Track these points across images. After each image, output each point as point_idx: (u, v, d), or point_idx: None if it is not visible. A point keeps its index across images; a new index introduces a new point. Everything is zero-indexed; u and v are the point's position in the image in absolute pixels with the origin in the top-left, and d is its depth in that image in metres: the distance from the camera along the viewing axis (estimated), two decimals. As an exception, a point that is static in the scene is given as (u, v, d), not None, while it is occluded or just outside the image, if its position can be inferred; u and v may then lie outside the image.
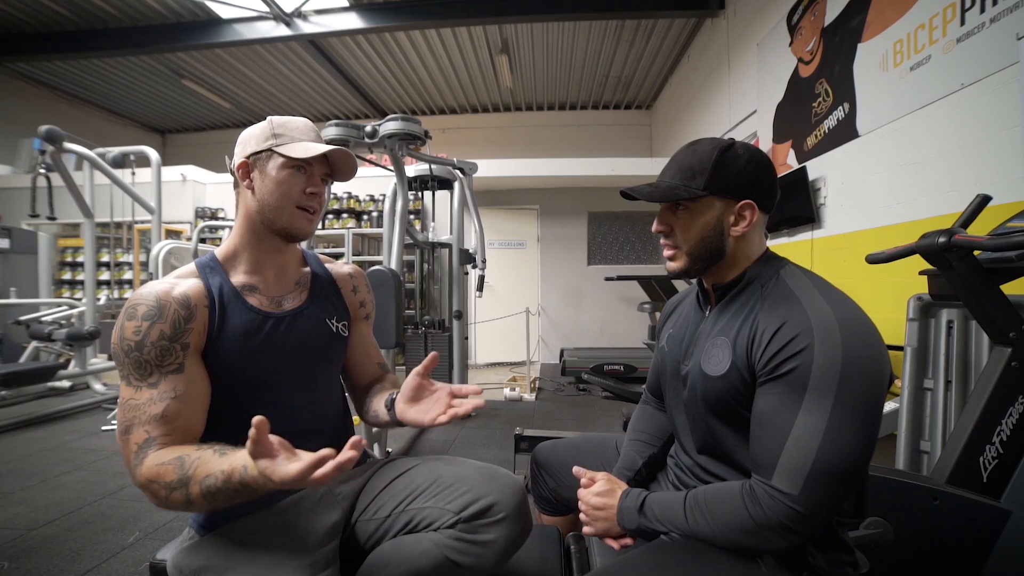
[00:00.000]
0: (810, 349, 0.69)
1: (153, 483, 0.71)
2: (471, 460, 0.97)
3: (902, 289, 2.01)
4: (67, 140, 3.34)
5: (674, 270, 0.86)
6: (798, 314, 0.73)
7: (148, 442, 0.74)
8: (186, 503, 0.71)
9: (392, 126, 2.88)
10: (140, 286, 0.84)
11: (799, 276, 0.79)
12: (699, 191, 0.79)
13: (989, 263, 1.18)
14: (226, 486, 0.68)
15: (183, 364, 0.78)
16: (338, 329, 0.98)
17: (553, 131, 7.61)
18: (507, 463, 2.52)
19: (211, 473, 0.69)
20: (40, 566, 1.61)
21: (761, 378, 0.74)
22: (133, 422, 0.75)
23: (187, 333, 0.79)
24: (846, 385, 0.67)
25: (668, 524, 0.78)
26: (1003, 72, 1.91)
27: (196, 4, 4.78)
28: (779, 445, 0.69)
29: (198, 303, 0.82)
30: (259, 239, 0.90)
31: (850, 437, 0.67)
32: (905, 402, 1.76)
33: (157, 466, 0.72)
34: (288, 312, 0.92)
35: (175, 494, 0.71)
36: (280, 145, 0.86)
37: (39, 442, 2.89)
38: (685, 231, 0.83)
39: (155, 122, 8.18)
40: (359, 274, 1.08)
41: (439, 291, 4.23)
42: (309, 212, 0.89)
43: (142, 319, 0.77)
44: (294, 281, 0.96)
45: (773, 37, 3.65)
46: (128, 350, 0.76)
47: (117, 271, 5.73)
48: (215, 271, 0.88)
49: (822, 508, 0.67)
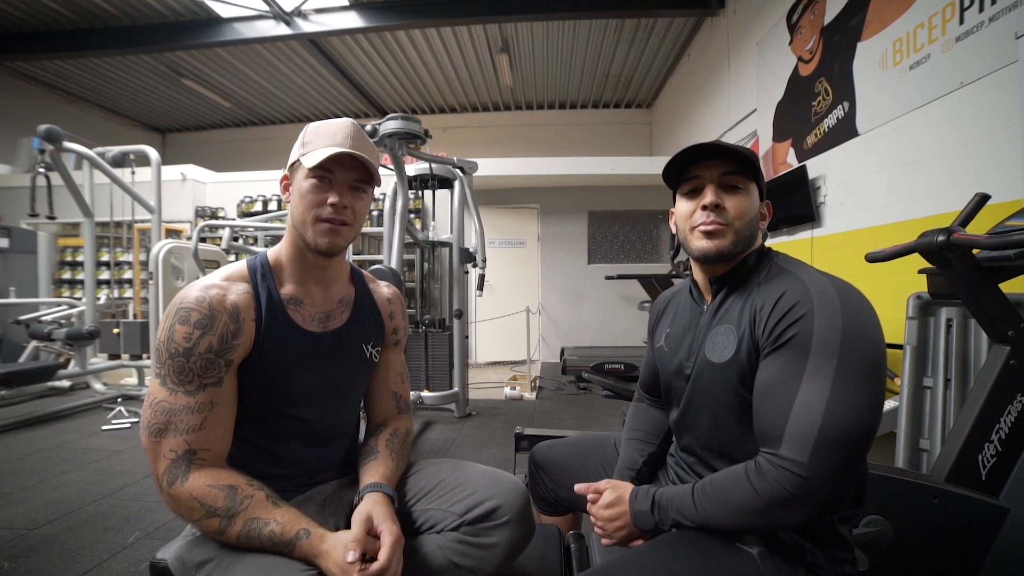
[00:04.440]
0: (810, 315, 0.70)
1: (196, 501, 0.72)
2: (475, 463, 0.97)
3: (901, 288, 2.01)
4: (67, 139, 3.34)
5: (720, 247, 0.82)
6: (796, 285, 0.74)
7: (188, 455, 0.75)
8: (217, 532, 0.73)
9: (392, 125, 2.88)
10: (190, 284, 0.82)
11: (793, 261, 0.83)
12: (755, 178, 0.84)
13: (988, 262, 1.18)
14: (270, 538, 0.72)
15: (222, 379, 0.78)
16: (371, 355, 0.98)
17: (553, 130, 7.60)
18: (507, 462, 2.53)
19: (260, 518, 0.72)
20: (40, 566, 1.61)
21: (764, 349, 0.74)
22: (168, 427, 0.75)
23: (232, 349, 0.79)
24: (848, 349, 0.67)
25: (680, 516, 0.77)
26: (1002, 71, 1.91)
27: (196, 3, 4.77)
28: (784, 414, 0.69)
29: (246, 316, 0.81)
30: (301, 253, 0.88)
31: (856, 400, 0.66)
32: (904, 400, 1.76)
33: (207, 487, 0.73)
34: (328, 333, 0.91)
35: (213, 521, 0.72)
36: (305, 155, 0.83)
37: (39, 442, 2.89)
38: (741, 211, 0.82)
39: (155, 121, 8.17)
40: (397, 298, 1.06)
41: (439, 290, 4.23)
42: (335, 223, 0.83)
43: (194, 327, 0.76)
44: (338, 299, 0.94)
45: (773, 36, 3.65)
46: (174, 354, 0.76)
47: (117, 270, 5.74)
48: (266, 278, 0.86)
49: (831, 476, 0.66)
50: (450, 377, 3.54)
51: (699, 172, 0.84)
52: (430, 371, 3.53)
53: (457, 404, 3.54)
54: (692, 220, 0.84)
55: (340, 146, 0.82)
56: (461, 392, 3.54)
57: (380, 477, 0.87)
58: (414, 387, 3.43)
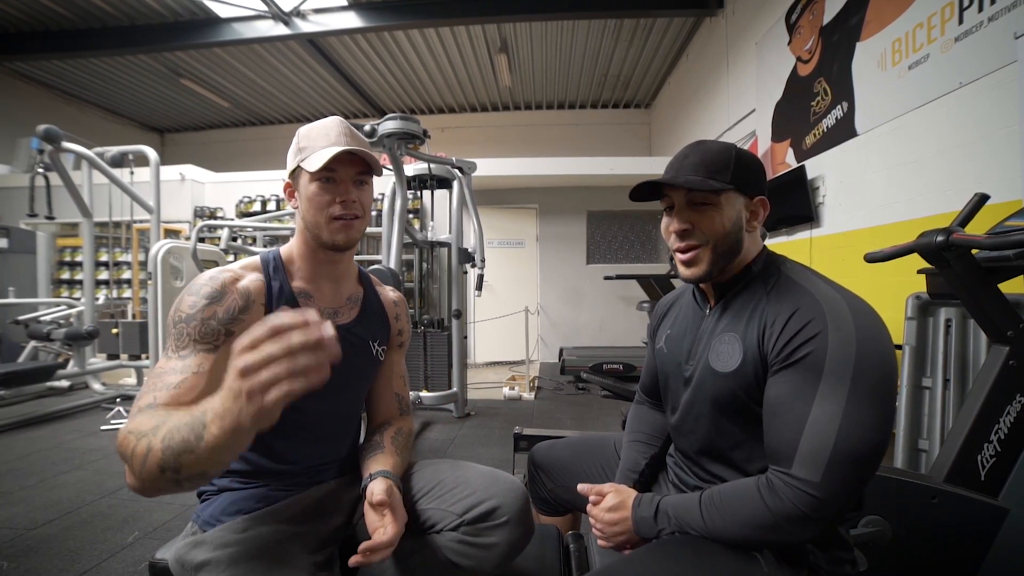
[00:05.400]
0: (824, 335, 0.69)
1: (130, 435, 0.63)
2: (474, 464, 0.97)
3: (900, 288, 2.01)
4: (65, 139, 3.33)
5: (696, 275, 0.82)
6: (808, 301, 0.73)
7: (150, 406, 0.68)
8: (144, 455, 0.60)
9: (391, 125, 2.88)
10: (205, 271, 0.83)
11: (801, 271, 0.81)
12: (727, 184, 0.79)
13: (987, 262, 1.18)
14: (188, 420, 0.59)
15: (218, 347, 0.77)
16: (378, 352, 0.99)
17: (552, 130, 7.60)
18: (506, 462, 2.53)
19: (177, 414, 0.62)
20: (39, 566, 1.61)
21: (774, 366, 0.73)
22: (148, 388, 0.72)
23: (237, 322, 0.79)
24: (861, 369, 0.67)
25: (685, 527, 0.77)
26: (1001, 71, 1.92)
27: (195, 3, 4.77)
28: (797, 433, 0.68)
29: (257, 299, 0.83)
30: (312, 251, 0.91)
31: (869, 421, 0.66)
32: (903, 401, 1.76)
33: (140, 419, 0.65)
34: (337, 327, 0.90)
35: (141, 443, 0.61)
36: (304, 160, 0.85)
37: (38, 442, 2.89)
38: (711, 226, 0.80)
39: (153, 121, 8.16)
40: (402, 302, 1.09)
41: (438, 290, 4.23)
42: (347, 219, 0.87)
43: (201, 296, 0.78)
44: (347, 296, 0.97)
45: (772, 36, 3.65)
46: (176, 321, 0.77)
47: (116, 271, 5.73)
48: (279, 271, 0.89)
49: (843, 495, 0.66)
50: (449, 377, 3.54)
51: (667, 191, 0.83)
52: (429, 371, 3.53)
53: (456, 404, 3.53)
54: (670, 242, 0.85)
55: (336, 144, 0.85)
56: (460, 392, 3.53)
57: (388, 467, 0.89)
58: (413, 387, 3.43)
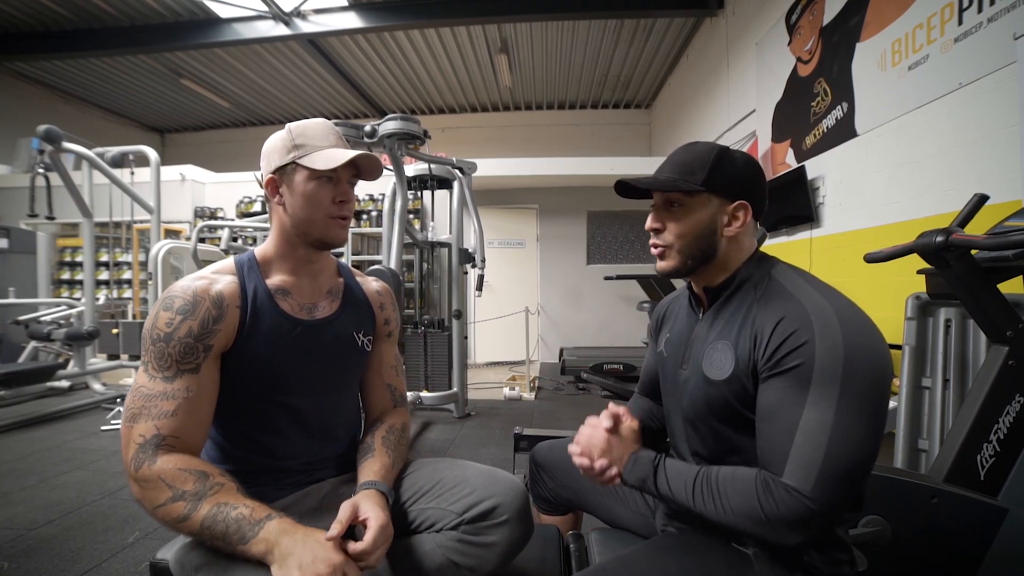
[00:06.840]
0: (811, 343, 0.69)
1: (163, 482, 0.71)
2: (474, 463, 0.97)
3: (900, 288, 2.01)
4: (66, 139, 3.34)
5: (665, 269, 0.86)
6: (795, 309, 0.73)
7: (157, 440, 0.75)
8: (179, 519, 0.71)
9: (391, 126, 2.88)
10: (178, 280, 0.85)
11: (791, 275, 0.80)
12: (697, 186, 0.79)
13: (986, 262, 1.18)
14: (237, 520, 0.70)
15: (200, 366, 0.79)
16: (363, 343, 0.99)
17: (552, 130, 7.60)
18: (506, 462, 2.54)
19: (229, 503, 0.71)
20: (40, 566, 1.61)
21: (763, 374, 0.73)
22: (142, 412, 0.76)
23: (213, 334, 0.80)
24: (849, 377, 0.67)
25: (673, 494, 0.76)
26: (1001, 71, 1.92)
27: (195, 3, 4.77)
28: (787, 441, 0.68)
29: (231, 303, 0.83)
30: (293, 248, 0.91)
31: (858, 429, 0.66)
32: (903, 400, 1.76)
33: (178, 469, 0.73)
34: (318, 320, 0.92)
35: (178, 505, 0.71)
36: (302, 157, 0.85)
37: (38, 442, 2.89)
38: (679, 228, 0.82)
39: (154, 121, 8.16)
40: (386, 291, 1.09)
41: (438, 290, 4.23)
42: (342, 219, 0.89)
43: (176, 312, 0.79)
44: (326, 290, 0.97)
45: (772, 36, 3.66)
46: (155, 339, 0.78)
47: (116, 271, 5.73)
48: (253, 270, 0.89)
49: (835, 503, 0.66)
50: (449, 377, 3.54)
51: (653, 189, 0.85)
52: (429, 371, 3.53)
53: (456, 404, 3.53)
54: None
55: (336, 146, 0.87)
56: (460, 392, 3.54)
57: (375, 475, 0.87)
58: (414, 387, 3.43)
